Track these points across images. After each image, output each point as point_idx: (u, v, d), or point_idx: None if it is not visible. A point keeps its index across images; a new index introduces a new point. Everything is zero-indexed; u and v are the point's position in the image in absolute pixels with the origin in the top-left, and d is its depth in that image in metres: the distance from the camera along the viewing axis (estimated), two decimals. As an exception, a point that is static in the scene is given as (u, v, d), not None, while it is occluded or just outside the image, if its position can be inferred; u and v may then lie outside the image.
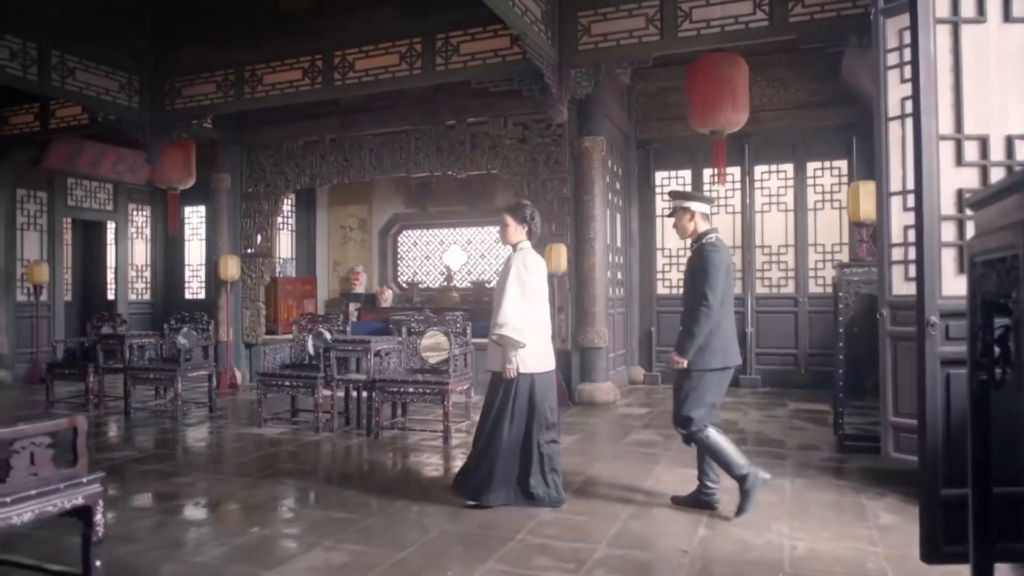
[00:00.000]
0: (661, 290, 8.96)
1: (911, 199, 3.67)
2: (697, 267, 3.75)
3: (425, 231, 11.78)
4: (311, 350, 6.33)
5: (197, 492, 4.28)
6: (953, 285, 2.69)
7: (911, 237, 3.68)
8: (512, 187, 8.13)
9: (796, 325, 8.41)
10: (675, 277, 8.84)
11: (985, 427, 1.96)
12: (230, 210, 9.15)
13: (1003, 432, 1.97)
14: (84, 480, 2.40)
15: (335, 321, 6.54)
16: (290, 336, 6.80)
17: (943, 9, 2.79)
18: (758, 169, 8.65)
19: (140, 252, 12.26)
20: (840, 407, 5.08)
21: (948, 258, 2.76)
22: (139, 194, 11.97)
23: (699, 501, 3.78)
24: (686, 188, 8.71)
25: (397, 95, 8.08)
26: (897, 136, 3.84)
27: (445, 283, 11.20)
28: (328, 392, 6.04)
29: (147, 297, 12.34)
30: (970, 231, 2.62)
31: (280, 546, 3.37)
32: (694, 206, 3.87)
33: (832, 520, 3.60)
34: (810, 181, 8.49)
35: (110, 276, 12.18)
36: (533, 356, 3.87)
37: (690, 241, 3.94)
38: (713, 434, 3.65)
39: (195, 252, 12.49)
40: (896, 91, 3.85)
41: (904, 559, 3.03)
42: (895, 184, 3.84)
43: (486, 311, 5.28)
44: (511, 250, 4.10)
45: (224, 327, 8.74)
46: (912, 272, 3.68)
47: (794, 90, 8.30)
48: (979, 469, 1.95)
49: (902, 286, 3.83)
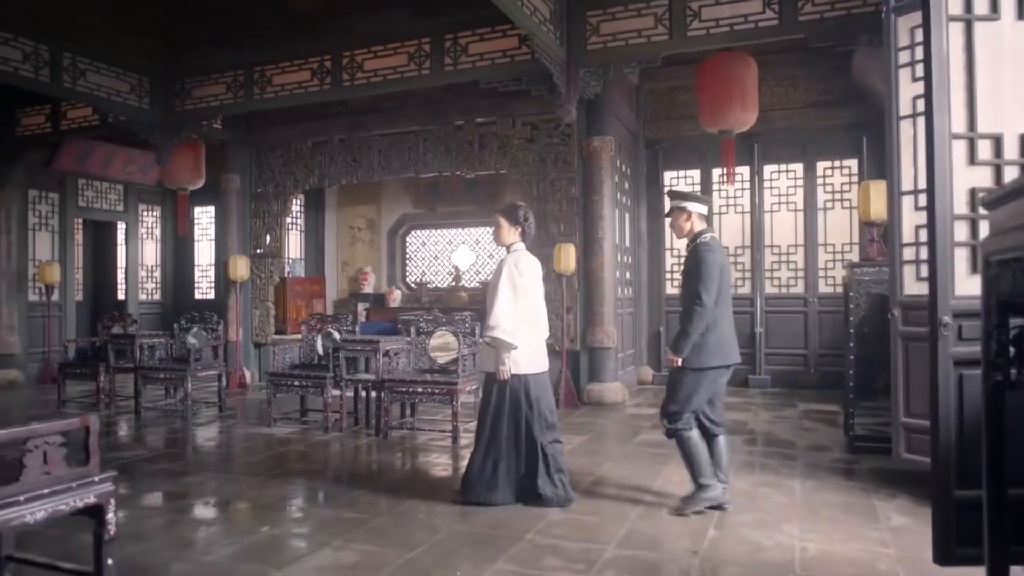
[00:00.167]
0: (670, 290, 8.92)
1: (923, 198, 3.64)
2: (691, 267, 3.79)
3: (433, 231, 11.79)
4: (320, 350, 6.35)
5: (207, 491, 4.30)
6: (966, 285, 2.67)
7: (923, 237, 3.65)
8: (521, 187, 8.13)
9: (806, 325, 8.36)
10: (684, 277, 8.80)
11: (1000, 428, 1.94)
12: (239, 210, 9.20)
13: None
14: (96, 479, 2.40)
15: (344, 321, 6.56)
16: (299, 336, 6.82)
17: (956, 7, 2.77)
18: (767, 169, 8.61)
19: (150, 252, 12.34)
20: (850, 408, 5.06)
21: (960, 258, 2.74)
22: (149, 195, 12.05)
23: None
24: (684, 188, 8.68)
25: (406, 95, 8.10)
26: (908, 135, 3.81)
27: (453, 283, 11.20)
28: (337, 392, 6.06)
29: (157, 297, 12.42)
30: (983, 230, 2.60)
31: (290, 545, 3.38)
32: (691, 206, 3.88)
33: (843, 521, 3.58)
34: (820, 180, 8.44)
35: (120, 276, 12.27)
36: (525, 357, 3.88)
37: (687, 241, 3.97)
38: (695, 437, 3.71)
39: (205, 252, 12.56)
40: (908, 90, 3.82)
41: (916, 561, 3.01)
42: (906, 183, 3.81)
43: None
44: (505, 251, 4.11)
45: (233, 327, 8.78)
46: (924, 272, 3.65)
47: (804, 89, 8.26)
48: (994, 470, 1.93)
49: (913, 286, 3.80)
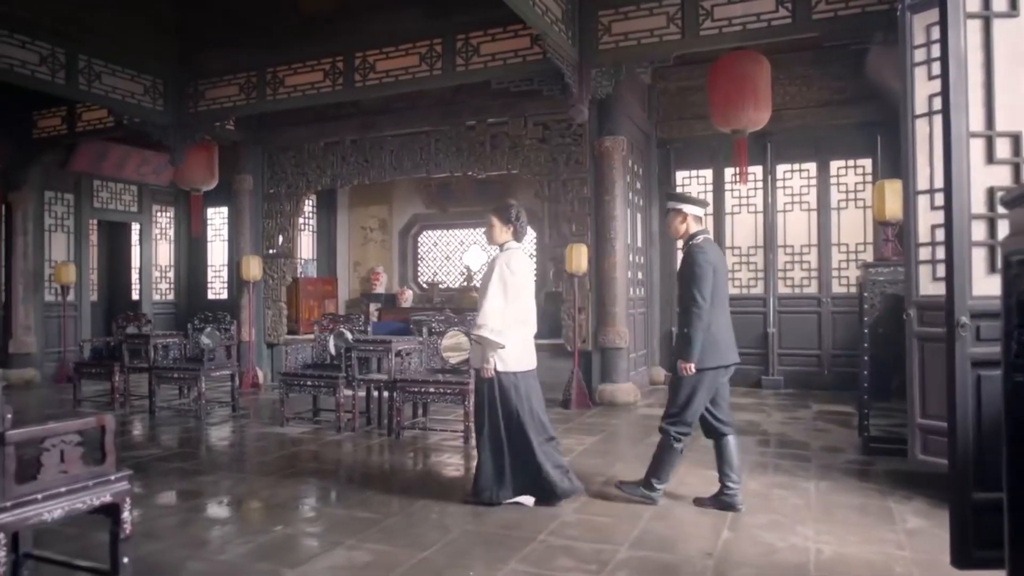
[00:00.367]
0: (682, 290, 8.87)
1: (939, 198, 3.62)
2: (685, 269, 3.81)
3: (445, 231, 11.80)
4: (332, 350, 6.37)
5: (221, 490, 4.32)
6: (983, 285, 2.63)
7: (939, 236, 3.62)
8: (532, 187, 8.12)
9: (819, 326, 8.30)
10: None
11: (1021, 430, 1.92)
12: (252, 211, 9.25)
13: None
14: (112, 478, 2.42)
15: (356, 321, 6.58)
16: (311, 336, 6.84)
17: (973, 3, 2.73)
18: (780, 168, 8.55)
19: (164, 253, 12.43)
20: (865, 409, 5.02)
21: (978, 257, 2.70)
22: (163, 196, 12.14)
23: (721, 503, 3.76)
24: (680, 191, 8.63)
25: (417, 96, 8.11)
26: (924, 134, 3.78)
27: (465, 283, 11.20)
28: (349, 392, 6.08)
29: (171, 297, 12.51)
30: (1002, 230, 2.57)
31: (303, 545, 3.39)
32: (686, 208, 3.90)
33: (858, 523, 3.55)
34: (833, 180, 8.38)
35: (135, 276, 12.37)
36: (513, 355, 3.88)
37: (681, 243, 4.00)
38: (678, 448, 3.80)
39: (218, 253, 12.63)
40: (923, 88, 3.78)
41: (933, 564, 2.98)
42: (922, 182, 3.78)
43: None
44: (497, 249, 4.11)
45: (246, 327, 8.82)
46: (940, 272, 3.62)
47: (817, 88, 8.20)
48: (1015, 473, 1.91)
49: (929, 286, 3.77)
